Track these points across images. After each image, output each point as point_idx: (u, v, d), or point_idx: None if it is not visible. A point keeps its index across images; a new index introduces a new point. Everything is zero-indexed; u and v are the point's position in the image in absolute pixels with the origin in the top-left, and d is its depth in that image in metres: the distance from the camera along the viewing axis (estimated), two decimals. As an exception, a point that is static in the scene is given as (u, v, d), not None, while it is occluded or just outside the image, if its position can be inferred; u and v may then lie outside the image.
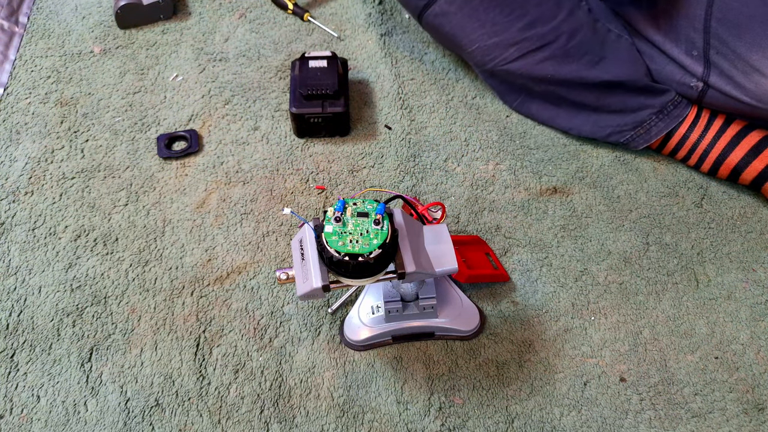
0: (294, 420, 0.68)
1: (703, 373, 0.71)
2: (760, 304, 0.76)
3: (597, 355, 0.72)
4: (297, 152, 0.89)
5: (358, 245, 0.55)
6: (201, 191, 0.85)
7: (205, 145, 0.89)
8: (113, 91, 0.95)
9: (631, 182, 0.86)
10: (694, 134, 0.84)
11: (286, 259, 0.79)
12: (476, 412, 0.68)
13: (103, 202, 0.84)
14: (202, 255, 0.79)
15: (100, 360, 0.71)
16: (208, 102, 0.94)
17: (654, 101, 0.84)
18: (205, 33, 1.03)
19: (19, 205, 0.83)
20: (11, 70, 0.98)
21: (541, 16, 0.82)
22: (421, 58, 0.99)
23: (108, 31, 1.03)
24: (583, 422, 0.68)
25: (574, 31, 0.83)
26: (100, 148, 0.89)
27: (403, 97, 0.95)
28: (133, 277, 0.77)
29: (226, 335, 0.73)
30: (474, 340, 0.73)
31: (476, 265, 0.75)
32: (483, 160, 0.88)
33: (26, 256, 0.79)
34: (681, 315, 0.75)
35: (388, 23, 1.04)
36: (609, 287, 0.77)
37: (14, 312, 0.75)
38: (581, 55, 0.83)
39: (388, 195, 0.80)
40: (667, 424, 0.68)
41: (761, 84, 0.76)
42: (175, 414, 0.68)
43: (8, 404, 0.69)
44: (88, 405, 0.69)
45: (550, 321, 0.74)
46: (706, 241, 0.81)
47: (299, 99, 0.87)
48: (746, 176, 0.82)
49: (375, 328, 0.71)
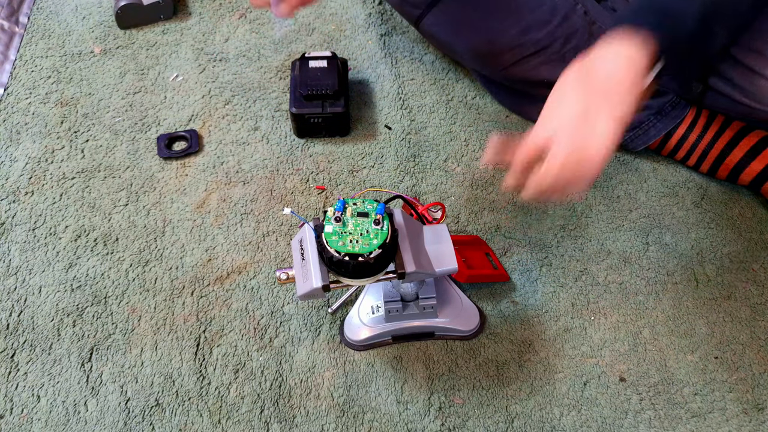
0: (294, 420, 0.68)
1: (702, 373, 0.71)
2: (760, 304, 0.76)
3: (597, 355, 0.72)
4: (297, 152, 0.89)
5: (358, 245, 0.56)
6: (201, 191, 0.85)
7: (206, 145, 0.89)
8: (113, 91, 0.95)
9: (630, 182, 0.86)
10: (692, 135, 0.84)
11: (286, 259, 0.79)
12: (476, 411, 0.68)
13: (104, 202, 0.84)
14: (203, 255, 0.79)
15: (101, 360, 0.71)
16: (208, 102, 0.94)
17: (652, 102, 0.84)
18: (206, 33, 1.03)
19: (19, 205, 0.83)
20: (11, 70, 0.98)
21: (535, 22, 0.82)
22: (421, 58, 0.99)
23: (108, 32, 1.03)
24: (583, 422, 0.68)
25: (570, 36, 0.83)
26: (101, 148, 0.89)
27: (403, 97, 0.95)
28: (134, 277, 0.77)
29: (226, 335, 0.73)
30: (474, 340, 0.73)
31: (476, 265, 0.75)
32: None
33: (26, 256, 0.79)
34: (681, 315, 0.75)
35: (388, 23, 1.04)
36: (609, 287, 0.77)
37: (14, 312, 0.75)
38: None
39: (388, 195, 0.80)
40: (666, 424, 0.68)
41: (760, 85, 0.76)
42: (176, 414, 0.68)
43: (8, 404, 0.69)
44: (88, 405, 0.69)
45: (550, 321, 0.75)
46: (706, 241, 0.81)
47: (299, 99, 0.87)
48: (745, 177, 0.82)
49: (375, 328, 0.71)
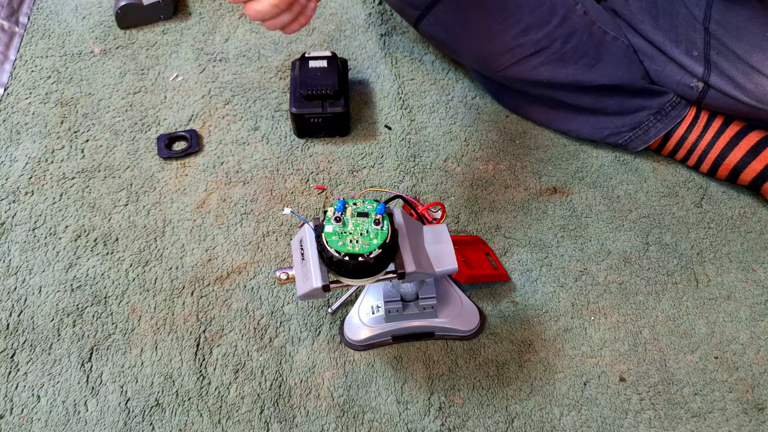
0: (294, 420, 0.68)
1: (702, 373, 0.71)
2: (760, 304, 0.76)
3: (597, 355, 0.72)
4: (297, 152, 0.89)
5: (358, 245, 0.56)
6: (201, 191, 0.85)
7: (206, 145, 0.89)
8: (113, 91, 0.95)
9: (630, 182, 0.86)
10: (692, 135, 0.84)
11: (286, 259, 0.79)
12: (476, 411, 0.68)
13: (104, 202, 0.84)
14: (203, 255, 0.79)
15: (101, 360, 0.71)
16: (208, 102, 0.94)
17: (652, 102, 0.84)
18: (205, 33, 1.03)
19: (19, 205, 0.83)
20: (11, 70, 0.98)
21: (534, 22, 0.82)
22: (421, 58, 0.99)
23: (108, 32, 1.03)
24: (583, 422, 0.68)
25: (569, 36, 0.83)
26: (101, 148, 0.89)
27: (403, 97, 0.95)
28: (134, 277, 0.77)
29: (226, 335, 0.73)
30: (474, 340, 0.73)
31: (476, 265, 0.75)
32: (483, 160, 0.88)
33: (26, 256, 0.79)
34: (681, 315, 0.75)
35: (388, 23, 1.04)
36: (609, 287, 0.77)
37: (14, 312, 0.75)
38: (577, 59, 0.83)
39: (388, 195, 0.80)
40: (666, 424, 0.68)
41: (762, 84, 0.76)
42: (176, 414, 0.68)
43: (8, 404, 0.69)
44: (88, 405, 0.69)
45: (550, 321, 0.75)
46: (706, 241, 0.81)
47: (299, 99, 0.87)
48: (745, 177, 0.82)
49: (375, 328, 0.71)
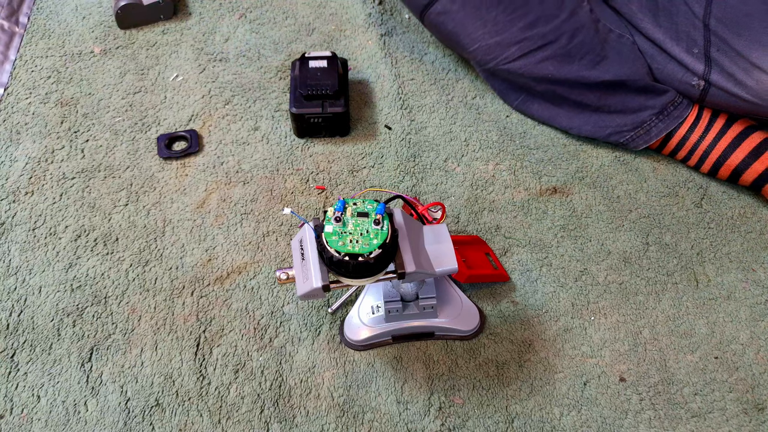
0: (294, 420, 0.68)
1: (702, 373, 0.71)
2: (760, 304, 0.76)
3: (597, 355, 0.72)
4: (297, 152, 0.89)
5: (358, 245, 0.55)
6: (201, 191, 0.85)
7: (205, 145, 0.89)
8: (113, 91, 0.95)
9: (631, 182, 0.86)
10: (694, 135, 0.84)
11: (286, 259, 0.79)
12: (476, 411, 0.68)
13: (104, 202, 0.84)
14: (202, 255, 0.79)
15: (101, 360, 0.71)
16: (208, 102, 0.94)
17: (654, 102, 0.84)
18: (205, 33, 1.03)
19: (19, 205, 0.83)
20: (11, 70, 0.98)
21: (542, 16, 0.82)
22: (421, 58, 0.99)
23: (108, 32, 1.03)
24: (583, 422, 0.68)
25: (576, 31, 0.83)
26: (101, 148, 0.89)
27: (403, 97, 0.95)
28: (134, 277, 0.77)
29: (226, 335, 0.73)
30: (474, 340, 0.73)
31: (476, 265, 0.75)
32: (483, 160, 0.88)
33: (26, 256, 0.79)
34: (681, 315, 0.75)
35: (388, 23, 1.04)
36: (609, 287, 0.77)
37: (14, 312, 0.75)
38: (582, 55, 0.83)
39: (388, 195, 0.80)
40: (666, 424, 0.68)
41: (762, 81, 0.76)
42: (176, 414, 0.68)
43: (8, 404, 0.69)
44: (88, 405, 0.69)
45: (550, 321, 0.74)
46: (706, 241, 0.81)
47: (299, 99, 0.87)
48: (746, 177, 0.82)
49: (375, 328, 0.71)
